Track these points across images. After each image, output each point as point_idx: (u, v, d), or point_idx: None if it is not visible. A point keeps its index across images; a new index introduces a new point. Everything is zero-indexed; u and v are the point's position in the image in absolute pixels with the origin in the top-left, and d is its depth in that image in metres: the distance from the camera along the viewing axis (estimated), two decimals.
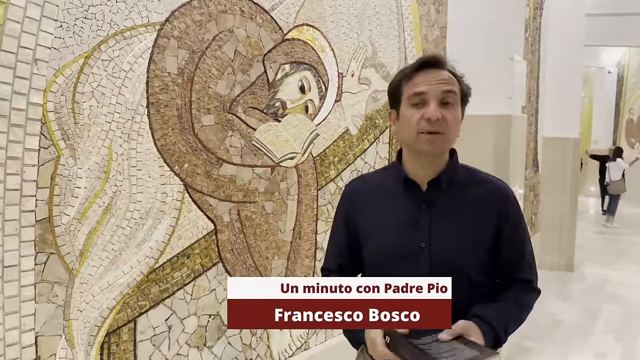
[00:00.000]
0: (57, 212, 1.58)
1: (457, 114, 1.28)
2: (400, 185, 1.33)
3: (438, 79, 1.26)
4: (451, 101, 1.26)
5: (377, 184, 1.40)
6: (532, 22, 5.73)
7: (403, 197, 1.33)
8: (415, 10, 3.34)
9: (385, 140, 3.19)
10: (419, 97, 1.26)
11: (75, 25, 1.59)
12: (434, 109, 1.23)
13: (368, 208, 1.37)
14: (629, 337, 4.32)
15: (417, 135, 1.26)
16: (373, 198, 1.38)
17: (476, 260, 1.31)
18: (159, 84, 1.84)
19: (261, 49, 2.27)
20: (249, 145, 2.23)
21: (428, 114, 1.23)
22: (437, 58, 1.30)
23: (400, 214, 1.32)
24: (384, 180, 1.39)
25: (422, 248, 1.28)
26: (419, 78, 1.27)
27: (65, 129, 1.59)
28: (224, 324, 2.17)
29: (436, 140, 1.25)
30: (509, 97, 3.19)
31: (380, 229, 1.33)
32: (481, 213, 1.31)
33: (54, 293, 1.59)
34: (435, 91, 1.25)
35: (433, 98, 1.25)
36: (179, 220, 1.95)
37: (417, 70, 1.28)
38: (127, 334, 1.80)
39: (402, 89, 1.30)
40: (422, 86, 1.26)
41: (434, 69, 1.27)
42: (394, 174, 1.37)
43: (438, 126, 1.24)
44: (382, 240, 1.32)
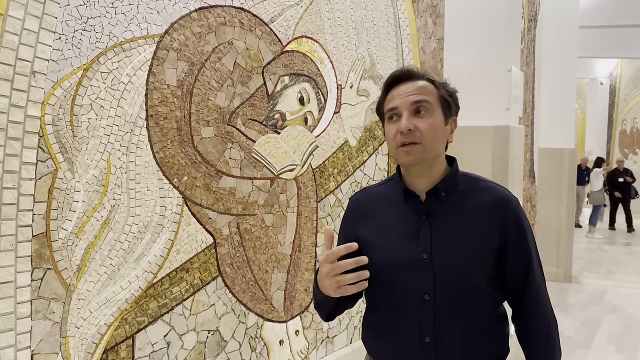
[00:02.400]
0: (54, 227, 1.55)
1: (434, 121, 1.27)
2: (400, 197, 1.32)
3: (408, 91, 1.27)
4: (423, 110, 1.26)
5: (378, 196, 1.39)
6: (527, 34, 5.77)
7: (403, 209, 1.32)
8: (413, 22, 3.35)
9: (384, 152, 3.18)
10: (393, 112, 1.28)
11: (74, 37, 1.57)
12: (406, 121, 1.25)
13: (370, 220, 1.36)
14: (630, 348, 4.29)
15: (396, 149, 1.28)
16: (375, 209, 1.37)
17: (479, 270, 1.27)
18: (158, 96, 1.82)
19: (260, 61, 2.26)
20: (248, 157, 2.21)
21: (400, 127, 1.25)
22: (405, 71, 1.31)
23: (401, 225, 1.31)
24: (385, 192, 1.38)
25: (424, 259, 1.26)
26: (393, 93, 1.30)
27: (63, 141, 1.56)
28: (223, 340, 2.13)
29: (412, 151, 1.25)
30: (507, 108, 3.20)
31: (381, 240, 1.32)
32: (483, 222, 1.28)
33: (51, 309, 1.55)
34: (405, 103, 1.26)
35: (405, 110, 1.26)
36: (178, 234, 1.92)
37: (390, 86, 1.31)
38: (125, 351, 1.76)
39: (382, 106, 1.33)
40: (394, 101, 1.28)
41: (405, 82, 1.29)
42: (394, 186, 1.36)
43: (412, 137, 1.24)
44: (383, 251, 1.30)
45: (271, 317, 2.39)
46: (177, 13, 1.88)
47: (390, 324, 1.31)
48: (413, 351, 1.27)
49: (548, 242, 6.49)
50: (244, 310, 2.23)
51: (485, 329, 1.30)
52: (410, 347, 1.28)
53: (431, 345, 1.26)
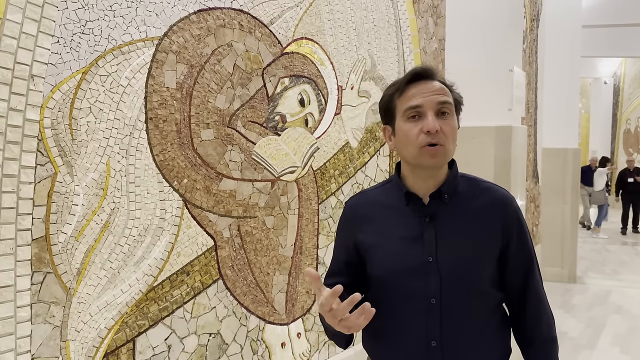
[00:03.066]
0: (54, 230, 1.55)
1: (454, 124, 1.26)
2: (401, 200, 1.30)
3: (432, 90, 1.23)
4: (447, 111, 1.24)
5: (377, 200, 1.36)
6: (529, 33, 5.75)
7: (405, 212, 1.29)
8: (414, 22, 3.34)
9: (385, 153, 3.17)
10: (415, 110, 1.22)
11: (73, 40, 1.57)
12: (433, 121, 1.20)
13: (370, 225, 1.33)
14: (635, 349, 4.26)
15: (419, 149, 1.22)
16: (374, 214, 1.34)
17: (485, 272, 1.28)
18: (158, 99, 1.82)
19: (260, 63, 2.25)
20: (248, 159, 2.21)
21: (427, 127, 1.20)
22: (428, 69, 1.27)
23: (404, 229, 1.28)
24: (383, 196, 1.35)
25: (430, 262, 1.24)
26: (412, 90, 1.24)
27: (62, 145, 1.56)
28: (224, 343, 2.13)
29: (438, 152, 1.22)
30: (509, 108, 3.18)
31: (384, 245, 1.29)
32: (486, 224, 1.28)
33: (51, 313, 1.55)
34: (431, 102, 1.22)
35: (430, 109, 1.22)
36: (178, 236, 1.92)
37: (409, 82, 1.25)
38: (126, 355, 1.75)
39: (394, 103, 1.27)
40: (418, 98, 1.23)
41: (425, 80, 1.25)
42: (393, 188, 1.33)
43: (438, 138, 1.21)
44: (387, 256, 1.28)
45: (273, 320, 2.38)
46: (176, 15, 1.88)
47: (395, 329, 1.29)
48: (419, 356, 1.26)
49: (552, 243, 6.46)
50: (245, 313, 2.23)
51: (491, 330, 1.30)
52: (417, 352, 1.26)
53: (438, 349, 1.24)
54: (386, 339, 1.31)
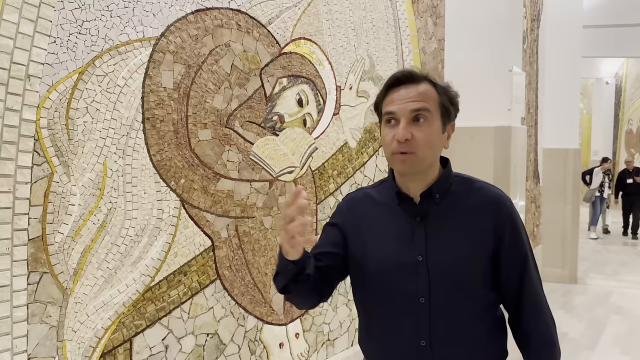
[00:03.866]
0: (50, 230, 1.55)
1: (431, 131, 1.24)
2: (394, 199, 1.31)
3: (408, 97, 1.23)
4: (422, 119, 1.23)
5: (372, 198, 1.37)
6: (530, 33, 5.74)
7: (397, 211, 1.30)
8: (413, 23, 3.34)
9: (384, 153, 3.17)
10: (390, 116, 1.25)
11: (69, 40, 1.57)
12: (402, 130, 1.21)
13: (363, 222, 1.34)
14: (635, 350, 4.25)
15: (391, 155, 1.25)
16: (368, 212, 1.35)
17: (476, 271, 1.27)
18: (155, 99, 1.82)
19: (258, 63, 2.25)
20: (246, 159, 2.21)
21: (397, 136, 1.22)
22: (407, 73, 1.26)
23: (395, 228, 1.29)
24: (379, 194, 1.37)
25: (419, 261, 1.25)
26: (392, 96, 1.25)
27: (59, 145, 1.56)
28: (222, 343, 2.13)
29: (407, 160, 1.23)
30: (508, 108, 3.17)
31: (374, 244, 1.30)
32: (477, 223, 1.27)
33: (47, 313, 1.55)
34: (404, 110, 1.23)
35: (403, 117, 1.22)
36: (176, 237, 1.92)
37: (390, 87, 1.26)
38: (123, 355, 1.75)
39: (380, 105, 1.29)
40: (392, 105, 1.24)
41: (406, 85, 1.24)
42: (388, 188, 1.35)
43: (408, 146, 1.21)
44: (377, 254, 1.29)
45: (271, 320, 2.38)
46: (173, 15, 1.88)
47: (385, 328, 1.30)
48: (409, 354, 1.26)
49: (553, 243, 6.44)
50: (243, 313, 2.23)
51: (483, 331, 1.29)
52: (406, 351, 1.27)
53: (427, 349, 1.25)
54: (378, 337, 1.32)
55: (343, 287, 2.83)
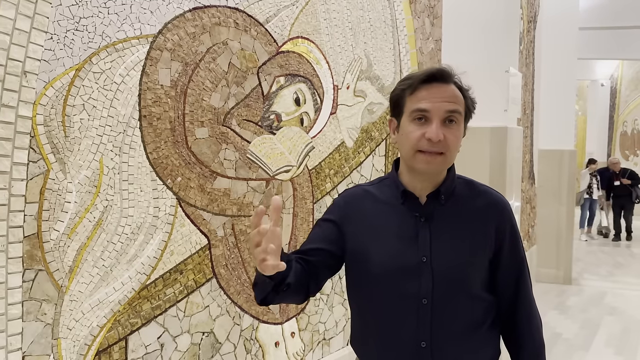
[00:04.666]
0: (46, 228, 1.54)
1: (459, 133, 1.24)
2: (398, 198, 1.28)
3: (443, 96, 1.20)
4: (454, 120, 1.21)
5: (372, 196, 1.33)
6: (526, 35, 5.76)
7: (401, 210, 1.28)
8: (410, 23, 3.34)
9: (381, 153, 3.17)
10: (421, 113, 1.20)
11: (66, 37, 1.57)
12: (436, 129, 1.18)
13: (363, 220, 1.30)
14: (629, 350, 4.28)
15: (415, 153, 1.21)
16: (369, 210, 1.31)
17: (477, 274, 1.28)
18: (152, 97, 1.82)
19: (255, 62, 2.25)
20: (243, 158, 2.20)
21: (429, 134, 1.18)
22: (444, 72, 1.22)
23: (399, 228, 1.27)
24: (380, 192, 1.33)
25: (424, 262, 1.24)
26: (424, 92, 1.21)
27: (55, 142, 1.55)
28: (218, 342, 2.12)
29: (434, 160, 1.21)
30: (505, 109, 3.18)
31: (377, 244, 1.27)
32: (480, 226, 1.28)
33: (42, 311, 1.54)
34: (438, 110, 1.19)
35: (436, 117, 1.19)
36: (172, 235, 1.91)
37: (422, 82, 1.21)
38: (118, 353, 1.75)
39: (404, 99, 1.24)
40: (426, 102, 1.19)
41: (439, 84, 1.21)
42: (391, 186, 1.31)
43: (438, 146, 1.19)
44: (380, 254, 1.27)
45: (266, 319, 2.38)
46: (170, 13, 1.87)
47: (384, 328, 1.28)
48: (408, 356, 1.25)
49: (548, 244, 6.47)
50: (239, 312, 2.22)
51: (481, 332, 1.29)
52: (405, 352, 1.25)
53: (427, 350, 1.24)
54: (375, 338, 1.30)
55: (339, 286, 2.83)
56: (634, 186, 9.56)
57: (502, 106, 3.13)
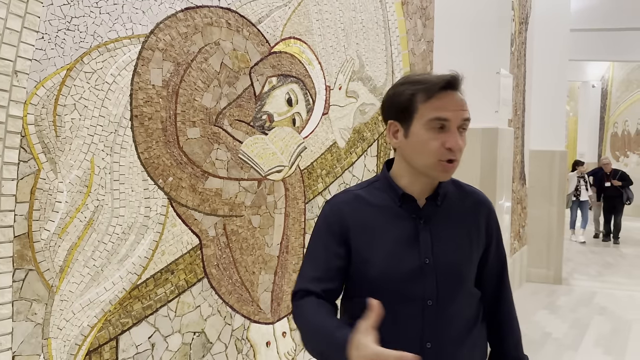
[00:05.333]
0: (36, 227, 1.54)
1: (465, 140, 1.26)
2: (394, 200, 1.27)
3: (459, 104, 1.20)
4: (466, 128, 1.23)
5: (365, 199, 1.30)
6: (518, 36, 5.80)
7: (398, 213, 1.27)
8: (402, 24, 3.36)
9: (373, 153, 3.19)
10: (441, 122, 1.18)
11: (57, 36, 1.56)
12: (457, 139, 1.18)
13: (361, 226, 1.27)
14: (618, 350, 4.32)
15: (436, 162, 1.20)
16: (365, 215, 1.28)
17: (473, 271, 1.32)
18: (143, 97, 1.82)
19: (248, 62, 2.25)
20: (235, 158, 2.21)
21: (451, 144, 1.18)
22: (458, 79, 1.21)
23: (397, 231, 1.26)
24: (372, 196, 1.30)
25: (427, 264, 1.24)
26: (443, 100, 1.18)
27: (46, 142, 1.55)
28: (209, 342, 2.13)
29: (452, 169, 1.22)
30: (496, 110, 3.21)
31: (377, 248, 1.25)
32: (473, 225, 1.32)
33: (33, 311, 1.54)
34: (457, 118, 1.19)
35: (454, 125, 1.19)
36: (163, 235, 1.92)
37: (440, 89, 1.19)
38: (109, 353, 1.75)
39: (416, 104, 1.20)
40: (447, 111, 1.18)
41: (454, 91, 1.21)
42: (383, 189, 1.30)
43: (456, 155, 1.20)
44: (381, 258, 1.25)
45: (258, 319, 2.38)
46: (162, 13, 1.87)
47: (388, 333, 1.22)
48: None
49: (538, 244, 6.52)
50: (230, 312, 2.23)
51: (477, 328, 1.33)
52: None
53: (432, 351, 1.24)
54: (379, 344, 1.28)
55: None
56: (625, 187, 9.51)
57: (493, 107, 3.16)
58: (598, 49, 11.22)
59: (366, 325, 1.07)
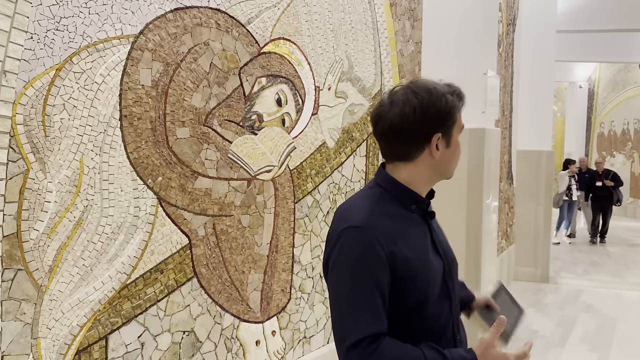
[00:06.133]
0: (25, 227, 1.54)
1: None
2: (407, 209, 1.25)
3: None
4: None
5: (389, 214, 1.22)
6: (505, 37, 5.85)
7: (415, 220, 1.27)
8: (391, 25, 3.38)
9: (362, 153, 3.21)
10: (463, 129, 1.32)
11: (47, 37, 1.57)
12: None
13: (396, 243, 1.18)
14: (603, 347, 4.38)
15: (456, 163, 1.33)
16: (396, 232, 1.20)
17: None
18: (133, 97, 1.82)
19: (237, 62, 2.26)
20: (225, 158, 2.22)
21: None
22: None
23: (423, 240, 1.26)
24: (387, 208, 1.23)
25: (444, 266, 1.29)
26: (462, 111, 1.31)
27: (35, 142, 1.55)
28: (198, 341, 2.14)
29: None
30: (483, 111, 3.24)
31: (419, 264, 1.21)
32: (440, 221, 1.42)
33: (22, 310, 1.54)
34: None
35: None
36: (152, 234, 1.92)
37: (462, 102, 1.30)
38: (99, 352, 1.75)
39: (455, 115, 1.26)
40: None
41: None
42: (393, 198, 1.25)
43: None
44: (426, 275, 1.22)
45: (247, 318, 2.39)
46: (152, 14, 1.88)
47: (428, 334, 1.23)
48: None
49: (526, 243, 6.59)
50: (220, 311, 2.24)
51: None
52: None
53: (460, 342, 1.32)
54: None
55: (320, 285, 2.86)
56: (616, 188, 9.39)
57: (480, 108, 3.19)
58: (584, 50, 11.35)
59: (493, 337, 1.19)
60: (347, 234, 1.17)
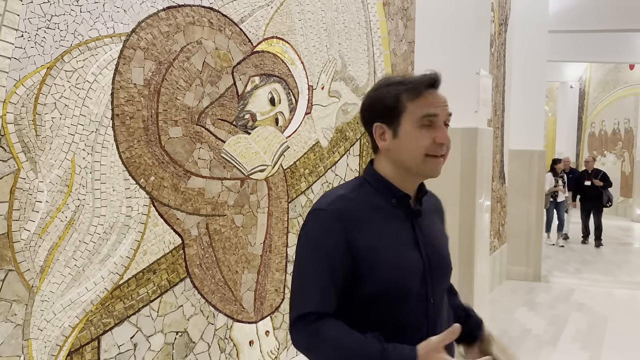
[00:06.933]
0: (16, 227, 1.52)
1: None
2: (389, 202, 1.26)
3: (444, 101, 1.23)
4: (448, 124, 1.25)
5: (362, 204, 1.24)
6: (497, 37, 5.87)
7: (396, 214, 1.26)
8: (384, 25, 3.38)
9: (355, 153, 3.21)
10: (430, 119, 1.20)
11: (37, 35, 1.55)
12: (446, 133, 1.21)
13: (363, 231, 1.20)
14: (594, 345, 4.41)
15: (424, 158, 1.21)
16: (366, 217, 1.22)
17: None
18: (125, 96, 1.81)
19: (230, 61, 2.25)
20: (218, 157, 2.21)
21: (441, 139, 1.20)
22: (440, 78, 1.23)
23: (399, 232, 1.25)
24: (366, 198, 1.25)
25: (424, 266, 1.25)
26: (430, 98, 1.21)
27: (25, 141, 1.54)
28: (191, 341, 2.12)
29: (441, 163, 1.24)
30: (475, 110, 3.25)
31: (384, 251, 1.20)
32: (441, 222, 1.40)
33: (13, 312, 1.52)
34: (443, 113, 1.22)
35: (441, 121, 1.21)
36: (145, 234, 1.91)
37: (426, 87, 1.21)
38: (91, 353, 1.74)
39: (403, 103, 1.21)
40: (436, 108, 1.20)
41: (436, 89, 1.23)
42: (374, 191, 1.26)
43: (445, 149, 1.22)
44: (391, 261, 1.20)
45: (241, 318, 2.38)
46: (144, 12, 1.87)
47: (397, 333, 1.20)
48: None
49: (518, 242, 6.62)
50: (213, 311, 2.23)
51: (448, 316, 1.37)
52: None
53: None
54: None
55: None
56: (605, 188, 9.14)
57: (472, 107, 3.20)
58: (576, 50, 11.43)
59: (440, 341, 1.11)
60: (312, 216, 1.24)
